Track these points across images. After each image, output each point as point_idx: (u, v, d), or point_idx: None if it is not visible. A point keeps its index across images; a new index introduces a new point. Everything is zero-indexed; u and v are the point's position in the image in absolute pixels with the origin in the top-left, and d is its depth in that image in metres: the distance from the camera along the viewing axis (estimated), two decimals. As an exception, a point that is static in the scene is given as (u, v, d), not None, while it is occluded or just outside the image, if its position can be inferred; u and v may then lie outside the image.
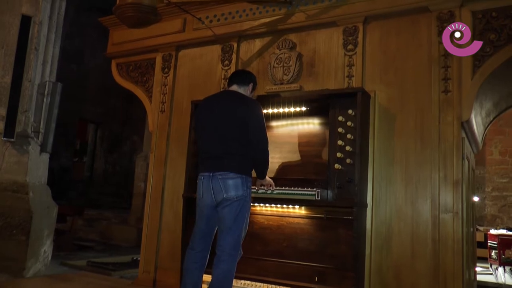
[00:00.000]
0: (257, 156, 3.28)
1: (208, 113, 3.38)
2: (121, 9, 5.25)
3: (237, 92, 3.40)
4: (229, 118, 3.25)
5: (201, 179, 3.32)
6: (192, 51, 5.09)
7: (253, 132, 3.22)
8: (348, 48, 4.20)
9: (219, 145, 3.25)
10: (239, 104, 3.29)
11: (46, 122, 5.93)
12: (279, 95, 4.24)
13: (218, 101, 3.41)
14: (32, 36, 6.00)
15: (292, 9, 4.48)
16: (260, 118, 3.29)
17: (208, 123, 3.36)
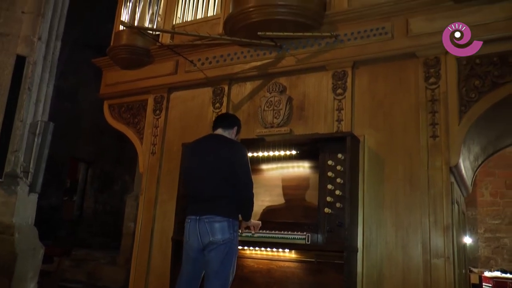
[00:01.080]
0: (242, 198, 3.28)
1: (195, 157, 3.41)
2: (115, 51, 5.37)
3: (222, 136, 3.43)
4: (215, 162, 3.28)
5: (188, 222, 3.30)
6: (184, 93, 5.15)
7: (239, 175, 3.23)
8: (338, 92, 4.27)
9: (205, 189, 3.25)
10: (224, 147, 3.32)
11: (36, 162, 5.88)
12: (269, 139, 4.26)
13: (203, 145, 3.44)
14: (26, 76, 6.03)
15: (282, 53, 4.57)
16: (245, 161, 3.31)
17: (195, 167, 3.38)
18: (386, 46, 4.12)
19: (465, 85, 3.80)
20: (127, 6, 5.58)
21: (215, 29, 5.01)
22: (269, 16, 4.33)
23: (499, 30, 3.70)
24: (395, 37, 4.10)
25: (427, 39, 3.95)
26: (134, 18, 5.45)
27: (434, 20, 3.96)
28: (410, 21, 4.05)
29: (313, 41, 4.43)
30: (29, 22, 6.48)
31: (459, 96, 3.81)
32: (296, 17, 4.32)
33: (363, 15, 4.26)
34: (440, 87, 3.87)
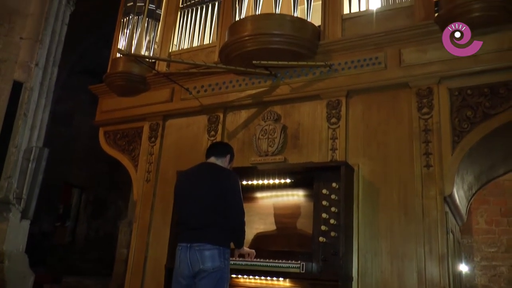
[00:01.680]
0: (234, 227, 3.29)
1: (187, 185, 3.43)
2: (111, 78, 5.42)
3: (215, 164, 3.45)
4: (207, 190, 3.29)
5: (179, 250, 3.30)
6: (179, 121, 5.17)
7: (231, 203, 3.25)
8: (332, 121, 4.30)
9: (197, 217, 3.26)
10: (216, 176, 3.34)
11: (30, 188, 5.85)
12: (263, 167, 4.27)
13: (196, 173, 3.46)
14: (22, 102, 6.06)
15: (277, 81, 4.63)
16: (237, 190, 3.32)
17: (187, 194, 3.39)
18: (380, 76, 4.18)
19: (458, 115, 3.85)
20: (124, 33, 5.65)
21: (210, 57, 5.08)
22: (264, 45, 4.40)
23: (488, 62, 3.77)
24: (388, 67, 4.17)
25: (420, 70, 4.02)
26: (131, 45, 5.51)
27: (426, 51, 4.04)
28: (402, 52, 4.13)
29: (307, 70, 4.49)
30: (27, 48, 6.55)
31: (452, 126, 3.85)
32: (291, 46, 4.39)
33: (357, 45, 4.34)
34: (433, 117, 3.91)
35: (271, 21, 4.44)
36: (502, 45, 3.75)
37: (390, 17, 4.36)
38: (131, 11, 5.65)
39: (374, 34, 4.25)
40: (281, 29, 4.38)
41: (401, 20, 4.30)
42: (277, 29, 4.37)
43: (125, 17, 5.67)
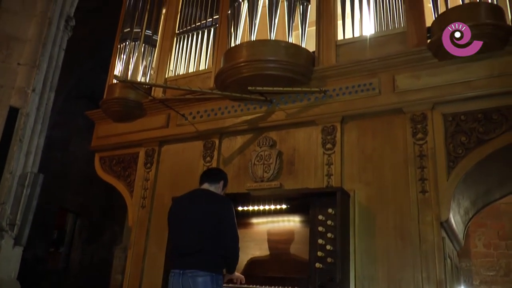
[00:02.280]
0: (227, 253, 3.27)
1: (180, 211, 3.42)
2: (108, 104, 5.44)
3: (208, 190, 3.45)
4: (200, 216, 3.29)
5: (172, 276, 3.28)
6: (175, 147, 5.17)
7: (224, 229, 3.24)
8: (327, 147, 4.31)
9: (190, 243, 3.25)
10: (209, 202, 3.34)
11: (24, 214, 5.79)
12: (259, 193, 4.26)
13: (190, 199, 3.45)
14: (18, 127, 6.05)
15: (273, 107, 4.65)
16: (231, 216, 3.32)
17: (180, 221, 3.39)
18: (374, 102, 4.21)
19: (452, 141, 3.87)
20: (121, 59, 5.70)
21: (206, 82, 5.12)
22: (259, 71, 4.45)
23: (481, 88, 3.82)
24: (382, 93, 4.21)
25: (413, 96, 4.06)
26: (127, 70, 5.56)
27: (420, 77, 4.09)
28: (396, 78, 4.17)
29: (302, 96, 4.52)
30: (24, 74, 6.58)
31: (446, 152, 3.87)
32: (286, 72, 4.44)
33: (351, 71, 4.38)
34: (428, 143, 3.93)
35: (266, 47, 4.49)
36: (493, 71, 3.81)
37: (384, 43, 4.43)
38: (128, 37, 5.72)
39: (368, 60, 4.31)
40: (276, 55, 4.43)
41: (394, 46, 4.36)
42: (272, 55, 4.42)
43: (122, 43, 5.73)
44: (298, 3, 4.71)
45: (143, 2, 5.99)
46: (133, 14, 5.92)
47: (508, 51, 3.80)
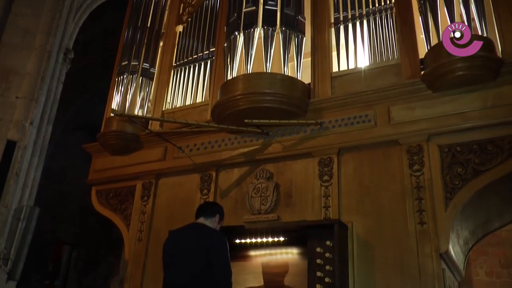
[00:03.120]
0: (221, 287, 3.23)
1: (175, 245, 3.41)
2: (105, 137, 5.45)
3: (203, 225, 3.43)
4: (194, 251, 3.27)
5: None
6: (172, 180, 5.15)
7: (217, 264, 3.21)
8: (324, 179, 4.31)
9: (184, 278, 3.22)
10: (203, 237, 3.32)
11: (18, 249, 5.72)
12: (256, 226, 4.23)
13: (184, 234, 3.44)
14: (15, 161, 6.05)
15: (269, 140, 4.67)
16: (224, 250, 3.30)
17: (173, 256, 3.37)
18: (370, 134, 4.23)
19: (449, 172, 3.87)
20: (119, 90, 5.74)
21: (203, 115, 5.15)
22: (255, 104, 4.48)
23: (475, 119, 3.85)
24: (378, 124, 4.23)
25: (409, 127, 4.08)
26: (125, 102, 5.59)
27: (415, 109, 4.12)
28: (391, 109, 4.21)
29: (298, 128, 4.54)
30: (22, 107, 6.62)
31: (443, 183, 3.86)
32: (282, 105, 4.47)
33: (347, 103, 4.42)
34: (425, 174, 3.93)
35: (262, 80, 4.55)
36: (486, 103, 3.84)
37: (378, 74, 4.48)
38: (126, 70, 5.78)
39: (363, 92, 4.35)
40: (272, 88, 4.47)
41: (388, 77, 4.41)
42: (268, 88, 4.47)
43: (120, 76, 5.79)
44: (293, 36, 4.79)
45: (141, 35, 6.08)
46: (131, 47, 6.00)
47: (500, 82, 3.84)
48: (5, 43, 7.04)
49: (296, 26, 4.84)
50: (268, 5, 4.91)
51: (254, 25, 4.80)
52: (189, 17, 6.15)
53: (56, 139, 11.04)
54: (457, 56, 3.79)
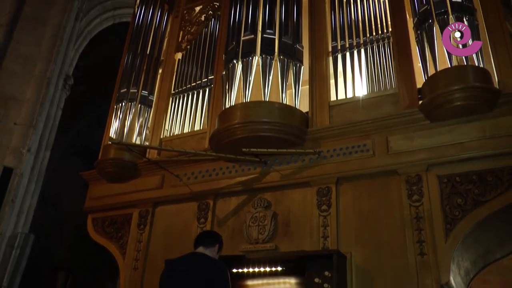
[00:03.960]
0: None
1: (174, 276, 3.33)
2: (102, 164, 5.42)
3: (203, 254, 3.37)
4: (195, 282, 3.20)
5: None
6: (169, 208, 5.10)
7: None
8: (322, 209, 4.26)
9: None
10: (206, 267, 3.26)
11: (11, 276, 5.65)
12: (254, 255, 4.17)
13: (184, 263, 3.37)
14: (11, 188, 6.03)
15: (267, 168, 4.64)
16: (226, 282, 3.23)
17: (174, 285, 3.28)
18: (368, 163, 4.21)
19: (448, 203, 3.83)
20: (118, 117, 5.73)
21: (201, 143, 5.13)
22: (253, 133, 4.47)
23: (474, 149, 3.83)
24: (376, 154, 4.21)
25: (407, 157, 4.06)
26: (123, 129, 5.57)
27: (413, 139, 4.10)
28: (390, 139, 4.19)
29: (296, 157, 4.52)
30: (20, 134, 6.64)
31: (443, 214, 3.82)
32: (280, 134, 4.46)
33: (345, 132, 4.41)
34: (424, 205, 3.89)
35: (260, 109, 4.54)
36: (484, 133, 3.83)
37: (376, 104, 4.49)
38: (124, 97, 5.78)
39: (361, 122, 4.34)
40: (270, 116, 4.47)
41: (386, 107, 4.42)
42: (266, 117, 4.46)
43: (118, 103, 5.79)
44: (291, 64, 4.81)
45: (140, 62, 6.11)
46: (130, 73, 6.01)
47: (497, 113, 3.84)
48: (5, 69, 7.10)
49: (294, 55, 4.86)
50: (266, 33, 4.95)
51: (253, 54, 4.83)
52: (188, 44, 6.20)
53: (54, 164, 11.00)
54: (454, 87, 3.80)
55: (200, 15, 6.41)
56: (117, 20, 10.57)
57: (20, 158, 6.36)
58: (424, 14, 4.36)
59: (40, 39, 7.73)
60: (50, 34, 7.79)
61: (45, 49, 7.60)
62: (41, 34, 7.80)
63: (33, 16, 7.88)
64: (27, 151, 6.45)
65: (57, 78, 7.52)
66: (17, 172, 6.04)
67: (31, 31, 7.74)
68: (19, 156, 6.37)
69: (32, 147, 6.63)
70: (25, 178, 6.29)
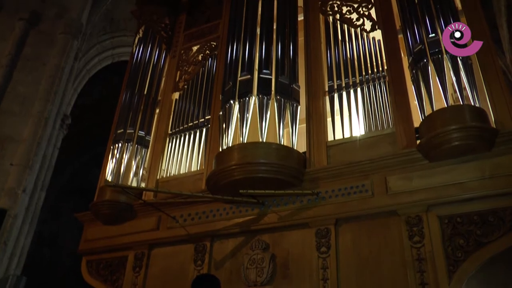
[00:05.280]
0: None
1: None
2: (98, 206, 5.34)
3: None
4: None
5: None
6: (165, 250, 4.98)
7: None
8: (322, 251, 4.17)
9: None
10: None
11: (2, 322, 5.46)
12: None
13: None
14: (4, 230, 5.93)
15: (265, 209, 4.57)
16: None
17: None
18: (367, 204, 4.15)
19: (450, 244, 3.75)
20: (114, 156, 5.68)
21: (198, 184, 5.07)
22: (250, 174, 4.42)
23: (474, 190, 3.77)
24: (375, 194, 4.15)
25: (407, 198, 4.00)
26: (120, 170, 5.51)
27: (412, 179, 4.06)
28: (388, 179, 4.14)
29: (295, 198, 4.46)
30: (16, 174, 6.58)
31: (445, 255, 3.73)
32: (277, 175, 4.41)
33: (343, 173, 4.36)
34: (425, 246, 3.80)
35: (257, 150, 4.51)
36: (484, 173, 3.79)
37: (374, 144, 4.46)
38: (121, 138, 5.74)
39: (359, 162, 4.30)
40: (267, 157, 4.43)
41: (384, 147, 4.39)
42: (264, 158, 4.42)
43: (115, 144, 5.75)
44: (288, 104, 4.81)
45: (137, 102, 6.11)
46: (127, 113, 6.00)
47: (496, 152, 3.82)
48: (3, 110, 7.11)
49: (290, 95, 4.87)
50: (263, 73, 4.97)
51: (249, 94, 4.83)
52: (185, 84, 6.23)
53: (51, 203, 10.88)
54: (452, 127, 3.79)
55: (197, 54, 6.47)
56: (115, 59, 10.72)
57: (15, 199, 6.29)
58: (418, 53, 4.40)
59: (39, 78, 7.79)
60: (49, 74, 7.86)
61: (43, 89, 7.64)
62: (41, 74, 7.87)
63: (33, 56, 7.97)
64: (22, 191, 6.38)
65: (55, 118, 7.53)
66: (11, 214, 5.96)
67: (30, 71, 7.81)
68: (14, 197, 6.30)
69: (28, 188, 6.57)
70: (19, 219, 6.20)
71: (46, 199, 8.10)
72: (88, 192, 7.33)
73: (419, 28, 4.52)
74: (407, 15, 4.74)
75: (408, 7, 4.77)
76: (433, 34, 4.36)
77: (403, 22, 4.81)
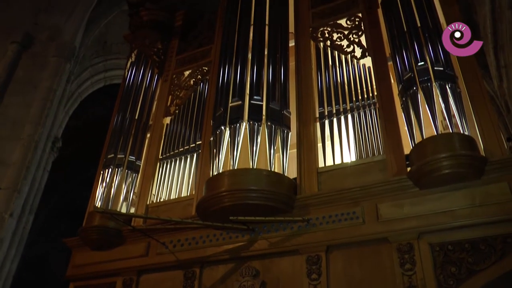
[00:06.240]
0: None
1: None
2: (86, 232, 5.27)
3: None
4: None
5: None
6: (154, 276, 4.89)
7: None
8: (312, 277, 4.12)
9: None
10: None
11: None
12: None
13: None
14: (-11, 255, 5.80)
15: (255, 236, 4.52)
16: None
17: None
18: (358, 231, 4.13)
19: (442, 272, 3.72)
20: (104, 180, 5.63)
21: (188, 210, 5.03)
22: (241, 201, 4.39)
23: (464, 217, 3.77)
24: (366, 222, 4.14)
25: (398, 225, 3.98)
26: (109, 195, 5.46)
27: (403, 206, 4.05)
28: (379, 207, 4.14)
29: (285, 225, 4.42)
30: (4, 199, 6.48)
31: (437, 283, 3.69)
32: (268, 201, 4.39)
33: (334, 200, 4.35)
34: (417, 274, 3.77)
35: (248, 176, 4.49)
36: (474, 201, 3.80)
37: (364, 170, 4.47)
38: (112, 163, 5.70)
39: (350, 189, 4.30)
40: (258, 184, 4.41)
41: (375, 174, 4.40)
42: (254, 185, 4.40)
43: (105, 169, 5.70)
44: (279, 130, 4.82)
45: (128, 126, 6.09)
46: (118, 138, 5.96)
47: (485, 181, 3.84)
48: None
49: (281, 121, 4.88)
50: (254, 99, 4.98)
51: (240, 120, 4.84)
52: (177, 109, 6.24)
53: (39, 226, 10.72)
54: (441, 155, 3.82)
55: (189, 79, 6.50)
56: (108, 82, 10.74)
57: (2, 223, 6.19)
58: (408, 81, 4.46)
59: (30, 101, 7.75)
60: (40, 97, 7.82)
61: (34, 112, 7.60)
62: (32, 97, 7.83)
63: (25, 79, 7.94)
64: (9, 216, 6.29)
65: (45, 140, 7.47)
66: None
67: (22, 94, 7.78)
68: (1, 222, 6.20)
69: (15, 212, 6.47)
70: (5, 244, 6.09)
71: (36, 221, 7.98)
72: (79, 214, 7.24)
73: (408, 55, 4.59)
74: (397, 43, 4.82)
75: (397, 35, 4.85)
76: (422, 62, 4.43)
77: (392, 49, 4.89)
